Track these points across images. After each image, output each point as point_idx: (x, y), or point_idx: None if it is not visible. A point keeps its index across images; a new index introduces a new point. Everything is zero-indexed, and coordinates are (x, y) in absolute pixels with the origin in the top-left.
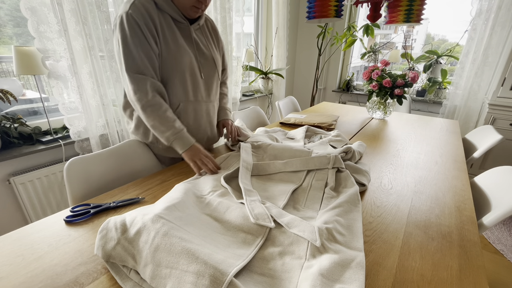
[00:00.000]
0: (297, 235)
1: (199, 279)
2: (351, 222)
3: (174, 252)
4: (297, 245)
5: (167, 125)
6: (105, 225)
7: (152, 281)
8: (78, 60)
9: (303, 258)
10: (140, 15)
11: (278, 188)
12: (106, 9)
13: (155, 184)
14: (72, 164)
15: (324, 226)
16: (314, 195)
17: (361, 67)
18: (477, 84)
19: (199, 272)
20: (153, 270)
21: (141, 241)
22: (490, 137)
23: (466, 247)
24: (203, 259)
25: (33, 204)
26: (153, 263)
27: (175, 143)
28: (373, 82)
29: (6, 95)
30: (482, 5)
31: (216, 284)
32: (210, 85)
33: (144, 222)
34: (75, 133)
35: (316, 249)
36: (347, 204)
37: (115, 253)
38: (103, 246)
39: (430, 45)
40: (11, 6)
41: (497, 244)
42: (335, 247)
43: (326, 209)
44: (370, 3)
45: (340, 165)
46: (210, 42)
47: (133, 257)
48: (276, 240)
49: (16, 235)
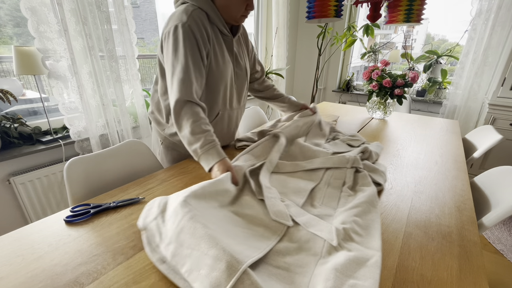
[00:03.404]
0: (315, 234)
1: (216, 263)
2: (369, 222)
3: (196, 236)
4: (313, 243)
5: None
6: (152, 202)
7: (173, 258)
8: (78, 60)
9: (319, 255)
10: (197, 27)
11: (297, 186)
12: (106, 9)
13: (155, 184)
14: (72, 164)
15: (341, 226)
16: (331, 193)
17: (361, 67)
18: (477, 84)
19: (217, 257)
20: (175, 249)
21: (169, 221)
22: (490, 137)
23: (466, 247)
24: (222, 246)
25: (33, 204)
26: (177, 243)
27: (209, 152)
28: (373, 82)
29: (6, 95)
30: (482, 5)
31: (231, 270)
32: (241, 93)
33: (175, 206)
34: (75, 133)
35: (333, 248)
36: (366, 205)
37: (149, 227)
38: (144, 218)
39: (430, 45)
40: (11, 6)
41: (497, 244)
42: (351, 246)
43: (344, 209)
44: (370, 3)
45: (358, 165)
46: (244, 52)
47: (160, 235)
48: (293, 237)
49: (16, 235)
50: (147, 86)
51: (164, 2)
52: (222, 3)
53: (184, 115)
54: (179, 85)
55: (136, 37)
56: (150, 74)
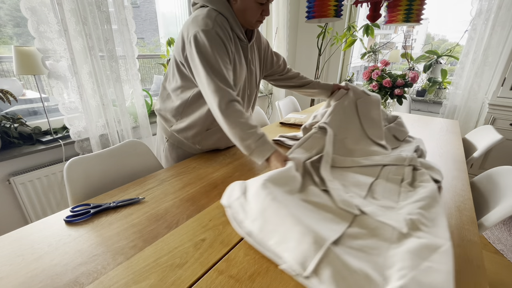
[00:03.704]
0: (383, 222)
1: (303, 237)
2: (435, 215)
3: (280, 214)
4: (382, 230)
5: (250, 132)
6: (234, 184)
7: (259, 233)
8: (78, 60)
9: (389, 241)
10: (222, 32)
11: (356, 179)
12: (106, 9)
13: (155, 184)
14: (72, 164)
15: (408, 216)
16: (391, 187)
17: (361, 67)
18: (477, 84)
19: (303, 232)
20: (261, 225)
21: (252, 201)
22: (490, 137)
23: (466, 247)
24: (306, 224)
25: (33, 204)
26: (262, 219)
27: (264, 145)
28: (373, 82)
29: (6, 95)
30: (482, 5)
31: (318, 244)
32: (251, 98)
33: (256, 188)
34: (75, 133)
35: (402, 235)
36: (429, 199)
37: (233, 205)
38: (228, 197)
39: (430, 45)
40: (11, 6)
41: (497, 244)
42: (420, 234)
43: (406, 202)
44: (370, 3)
45: (416, 163)
46: (256, 58)
47: (244, 212)
48: (362, 224)
49: (16, 235)
50: (147, 86)
51: (164, 2)
52: (239, 7)
53: (231, 113)
54: (219, 87)
55: (136, 37)
56: (150, 74)
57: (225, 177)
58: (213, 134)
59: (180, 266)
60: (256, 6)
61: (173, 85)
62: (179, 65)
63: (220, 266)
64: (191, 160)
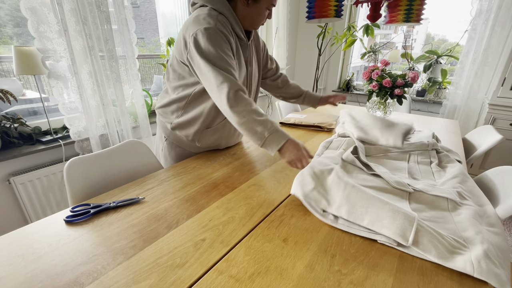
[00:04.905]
0: (437, 196)
1: (395, 214)
2: (471, 188)
3: (366, 198)
4: (438, 203)
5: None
6: (301, 174)
7: (349, 216)
8: (78, 60)
9: (447, 210)
10: (225, 30)
11: (393, 165)
12: (106, 9)
13: (155, 184)
14: (72, 164)
15: (454, 190)
16: (425, 169)
17: (361, 67)
18: (477, 84)
19: (394, 210)
20: (349, 209)
21: (332, 190)
22: (490, 137)
23: None
24: (391, 203)
25: (33, 204)
26: (348, 205)
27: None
28: (373, 82)
29: (6, 95)
30: (482, 5)
31: (409, 218)
32: (251, 96)
33: (331, 178)
34: (75, 133)
35: (456, 205)
36: (461, 175)
37: (311, 195)
38: (302, 188)
39: (430, 45)
40: (11, 6)
41: None
42: (468, 202)
43: (444, 180)
44: (370, 3)
45: (437, 147)
46: (254, 57)
47: (327, 201)
48: (418, 200)
49: (16, 235)
50: (147, 86)
51: (164, 2)
52: (244, 13)
53: (240, 102)
54: (226, 77)
55: (136, 37)
56: (150, 74)
57: (225, 177)
58: (213, 133)
59: (180, 266)
60: (265, 11)
61: (174, 83)
62: (180, 64)
63: (220, 266)
64: (191, 160)
